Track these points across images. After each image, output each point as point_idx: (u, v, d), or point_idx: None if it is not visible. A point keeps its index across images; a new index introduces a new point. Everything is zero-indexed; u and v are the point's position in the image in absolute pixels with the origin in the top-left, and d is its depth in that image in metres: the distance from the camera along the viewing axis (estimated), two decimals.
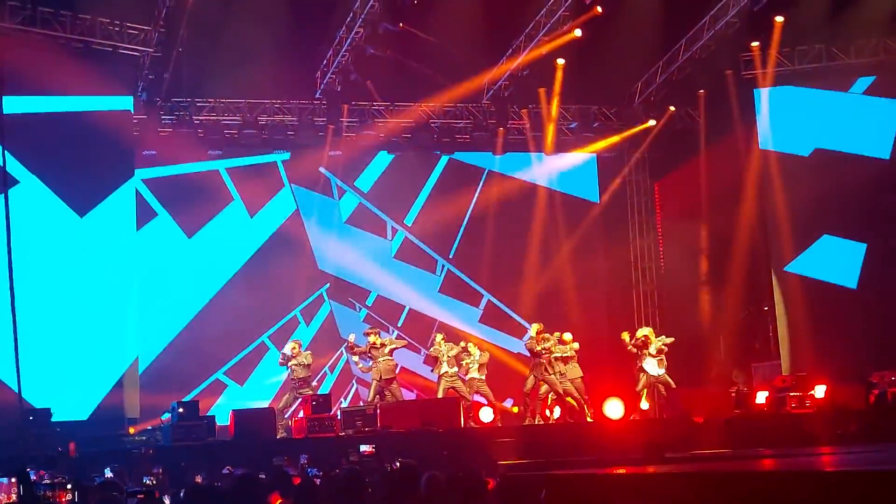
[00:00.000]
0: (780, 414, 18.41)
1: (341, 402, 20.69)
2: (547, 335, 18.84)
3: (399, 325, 23.73)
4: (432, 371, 19.66)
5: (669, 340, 19.28)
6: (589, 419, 18.82)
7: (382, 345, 18.74)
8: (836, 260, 21.18)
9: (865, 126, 21.28)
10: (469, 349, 19.21)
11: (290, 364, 18.61)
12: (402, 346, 20.23)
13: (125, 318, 19.89)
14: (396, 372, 19.08)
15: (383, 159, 23.88)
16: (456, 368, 18.92)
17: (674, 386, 19.12)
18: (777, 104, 21.91)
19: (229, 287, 22.57)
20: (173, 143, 21.69)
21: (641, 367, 19.14)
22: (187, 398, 19.45)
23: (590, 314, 23.34)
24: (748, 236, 22.11)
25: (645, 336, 19.33)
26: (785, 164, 21.63)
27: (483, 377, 19.11)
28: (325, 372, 22.68)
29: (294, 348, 18.73)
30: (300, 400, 18.35)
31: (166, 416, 17.65)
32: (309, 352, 19.13)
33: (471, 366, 19.00)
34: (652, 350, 19.10)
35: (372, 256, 23.90)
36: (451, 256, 24.33)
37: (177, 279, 22.25)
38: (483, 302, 24.22)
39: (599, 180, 24.68)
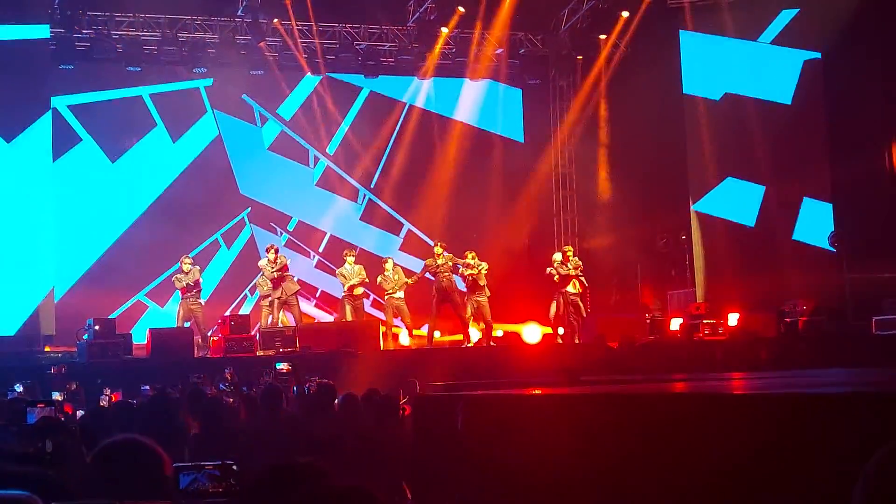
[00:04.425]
0: (694, 341, 18.72)
1: (259, 325, 20.67)
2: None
3: (320, 250, 23.85)
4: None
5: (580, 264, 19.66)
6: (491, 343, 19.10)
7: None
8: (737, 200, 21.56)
9: (771, 73, 21.50)
10: (386, 269, 19.25)
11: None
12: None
13: (43, 244, 19.72)
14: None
15: (308, 84, 23.64)
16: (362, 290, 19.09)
17: (585, 312, 19.42)
18: (693, 48, 22.11)
19: (151, 211, 22.50)
20: (91, 59, 21.26)
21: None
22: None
23: (510, 242, 23.44)
24: (669, 169, 22.34)
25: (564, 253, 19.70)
26: (699, 107, 21.88)
27: (402, 297, 19.19)
28: (245, 294, 22.68)
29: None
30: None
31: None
32: (197, 267, 19.41)
33: (386, 285, 19.08)
34: (571, 268, 19.39)
35: (294, 184, 23.96)
36: (372, 186, 24.38)
37: (100, 204, 22.11)
38: (403, 231, 24.35)
39: (524, 110, 24.71)
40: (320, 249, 23.87)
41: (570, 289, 19.39)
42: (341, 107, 24.00)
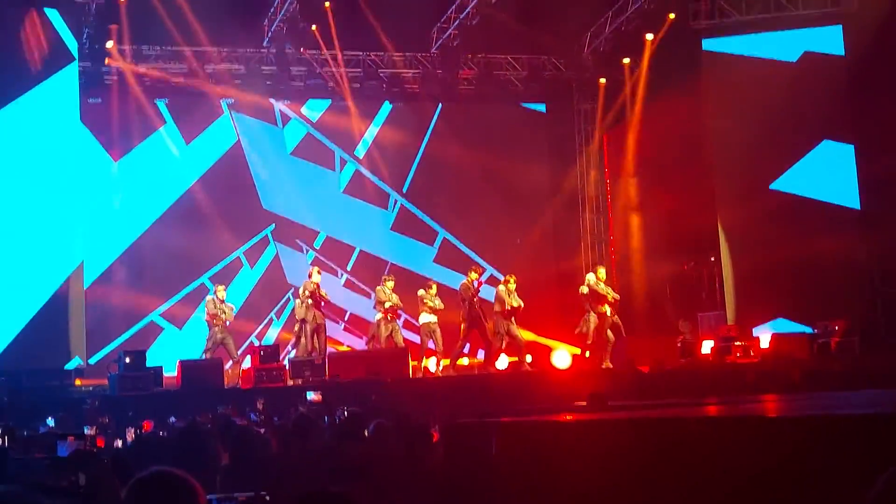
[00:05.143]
0: (725, 363, 18.61)
1: (289, 351, 20.54)
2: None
3: (349, 268, 23.17)
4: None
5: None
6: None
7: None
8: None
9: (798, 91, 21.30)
10: (429, 292, 19.01)
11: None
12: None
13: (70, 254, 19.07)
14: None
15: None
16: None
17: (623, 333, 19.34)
18: (717, 66, 21.93)
19: (163, 222, 21.69)
20: (119, 91, 21.34)
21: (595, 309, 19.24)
22: (118, 340, 19.32)
23: (538, 262, 23.37)
24: (694, 186, 22.23)
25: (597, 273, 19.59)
26: (724, 126, 21.74)
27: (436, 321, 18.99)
28: (272, 318, 22.21)
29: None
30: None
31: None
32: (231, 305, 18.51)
33: (424, 309, 18.92)
34: (607, 289, 19.34)
35: (319, 191, 23.12)
36: (404, 191, 23.68)
37: (102, 209, 21.16)
38: (438, 240, 23.76)
39: (548, 132, 24.68)
40: (349, 267, 23.18)
41: (605, 310, 19.30)
42: (370, 108, 23.55)
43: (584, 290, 19.53)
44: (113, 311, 20.96)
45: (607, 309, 19.30)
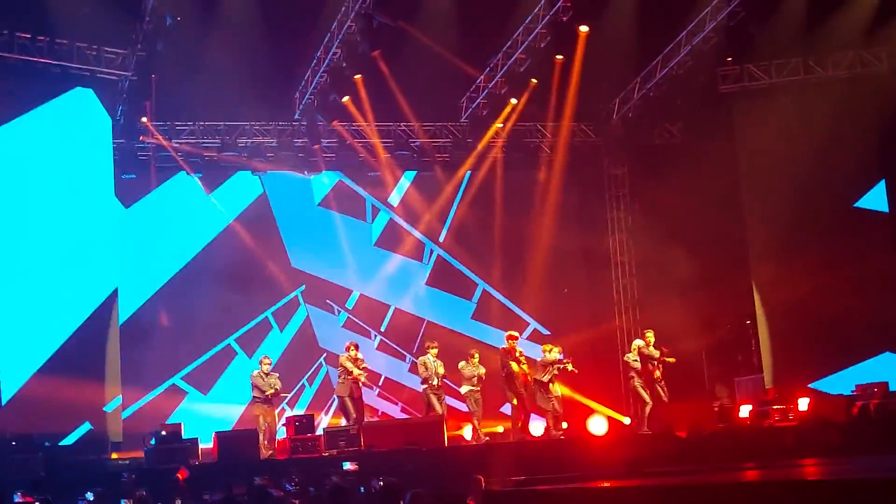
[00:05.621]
0: (764, 427, 18.42)
1: (321, 418, 20.38)
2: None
3: (382, 329, 22.64)
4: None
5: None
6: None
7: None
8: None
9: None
10: (472, 360, 18.74)
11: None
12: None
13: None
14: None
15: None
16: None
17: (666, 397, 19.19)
18: (748, 130, 22.01)
19: (182, 277, 21.15)
20: (153, 167, 21.48)
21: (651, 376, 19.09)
22: (137, 405, 19.30)
23: (575, 323, 23.26)
24: (728, 250, 22.15)
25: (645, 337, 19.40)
26: (758, 192, 21.81)
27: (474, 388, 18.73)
28: (304, 384, 21.72)
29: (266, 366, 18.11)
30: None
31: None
32: (276, 374, 18.16)
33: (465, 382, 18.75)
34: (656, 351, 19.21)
35: (351, 244, 22.54)
36: (440, 241, 23.32)
37: (108, 259, 19.62)
38: (477, 294, 23.30)
39: (579, 195, 24.59)
40: (382, 328, 22.65)
41: (657, 374, 19.16)
42: (401, 157, 23.10)
43: (630, 356, 19.35)
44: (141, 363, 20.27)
45: (657, 373, 19.17)
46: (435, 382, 18.35)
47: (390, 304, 22.84)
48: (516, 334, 19.20)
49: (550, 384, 18.71)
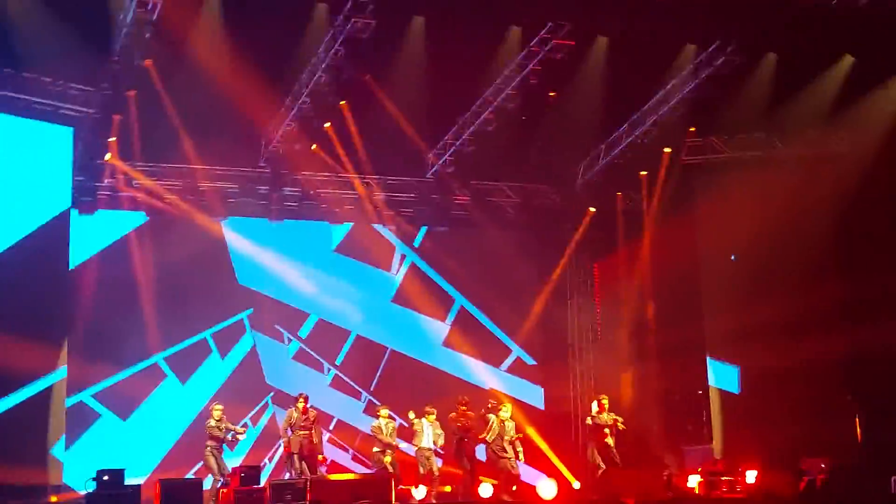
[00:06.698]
0: (712, 498, 18.37)
1: (265, 464, 19.86)
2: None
3: (338, 362, 21.72)
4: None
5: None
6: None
7: None
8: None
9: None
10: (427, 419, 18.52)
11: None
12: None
13: None
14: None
15: (339, 232, 22.98)
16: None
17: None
18: (707, 204, 22.04)
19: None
20: (111, 203, 21.25)
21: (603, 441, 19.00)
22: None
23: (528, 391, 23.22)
24: (684, 319, 22.21)
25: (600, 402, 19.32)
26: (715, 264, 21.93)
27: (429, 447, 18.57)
28: (247, 423, 19.90)
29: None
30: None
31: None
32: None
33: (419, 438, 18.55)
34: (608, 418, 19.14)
35: (308, 254, 21.79)
36: (415, 245, 23.15)
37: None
38: (453, 311, 22.98)
39: (539, 259, 24.51)
40: (338, 360, 21.71)
41: (609, 441, 19.08)
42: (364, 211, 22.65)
43: (589, 420, 19.34)
44: None
45: (610, 440, 19.09)
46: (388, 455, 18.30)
47: (350, 331, 22.03)
48: (466, 401, 18.96)
49: (506, 445, 18.62)
